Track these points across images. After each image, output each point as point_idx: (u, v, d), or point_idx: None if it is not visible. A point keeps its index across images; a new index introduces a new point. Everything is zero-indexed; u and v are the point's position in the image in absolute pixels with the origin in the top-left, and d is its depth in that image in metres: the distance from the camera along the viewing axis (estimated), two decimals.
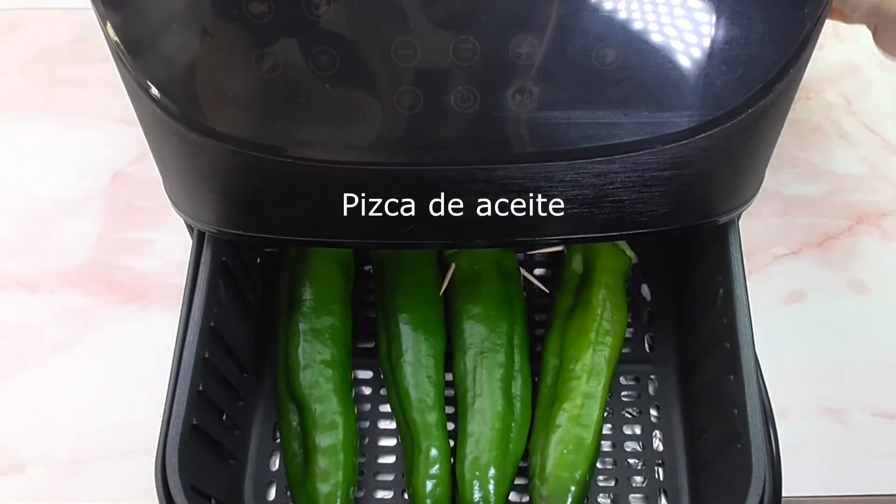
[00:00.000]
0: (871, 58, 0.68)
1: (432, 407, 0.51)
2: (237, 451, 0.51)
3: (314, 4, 0.34)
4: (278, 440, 0.52)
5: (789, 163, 0.63)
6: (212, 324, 0.45)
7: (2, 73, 0.67)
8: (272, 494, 0.52)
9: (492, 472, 0.49)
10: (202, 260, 0.45)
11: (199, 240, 0.45)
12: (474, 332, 0.52)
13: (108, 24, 0.35)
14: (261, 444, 0.52)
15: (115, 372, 0.56)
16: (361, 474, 0.52)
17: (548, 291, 0.56)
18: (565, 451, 0.49)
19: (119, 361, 0.56)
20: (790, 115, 0.39)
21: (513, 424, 0.50)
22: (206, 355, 0.44)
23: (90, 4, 0.35)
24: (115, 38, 0.35)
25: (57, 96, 0.66)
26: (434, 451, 0.50)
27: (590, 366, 0.50)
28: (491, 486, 0.49)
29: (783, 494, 0.43)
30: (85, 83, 0.67)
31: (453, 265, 0.54)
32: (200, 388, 0.43)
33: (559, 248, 0.56)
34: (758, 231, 0.60)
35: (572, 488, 0.48)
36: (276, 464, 0.52)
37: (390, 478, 0.52)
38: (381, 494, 0.52)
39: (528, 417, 0.51)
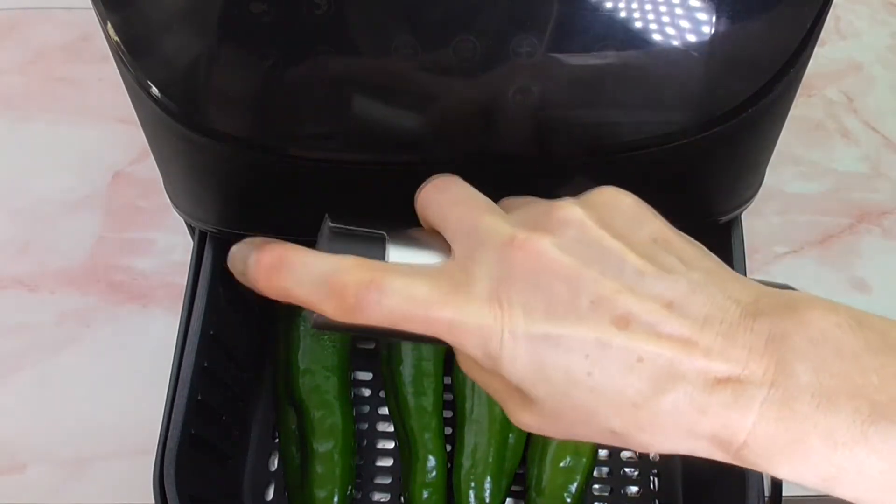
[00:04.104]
0: (872, 55, 0.68)
1: (431, 414, 0.51)
2: (236, 452, 0.51)
3: (315, 4, 0.33)
4: (277, 440, 0.52)
5: (790, 160, 0.63)
6: (211, 332, 0.44)
7: (2, 73, 0.67)
8: (270, 494, 0.52)
9: (488, 481, 0.49)
10: (202, 265, 0.44)
11: (200, 242, 0.45)
12: None
13: (109, 24, 0.35)
14: (259, 443, 0.52)
15: (115, 372, 0.56)
16: (359, 476, 0.52)
17: None
18: (562, 464, 0.49)
19: (119, 361, 0.56)
20: (791, 113, 0.39)
21: (510, 434, 0.50)
22: (206, 363, 0.44)
23: (90, 4, 0.35)
24: (116, 38, 0.35)
25: (57, 96, 0.66)
26: (431, 459, 0.50)
27: None
28: (487, 496, 0.49)
29: (783, 494, 0.43)
30: (85, 83, 0.67)
31: None
32: (199, 398, 0.43)
33: None
34: (758, 229, 0.60)
35: (568, 500, 0.48)
36: (274, 463, 0.52)
37: (387, 480, 0.52)
38: (378, 496, 0.52)
39: None
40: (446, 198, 0.29)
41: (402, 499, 0.51)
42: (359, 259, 0.27)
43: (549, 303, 0.25)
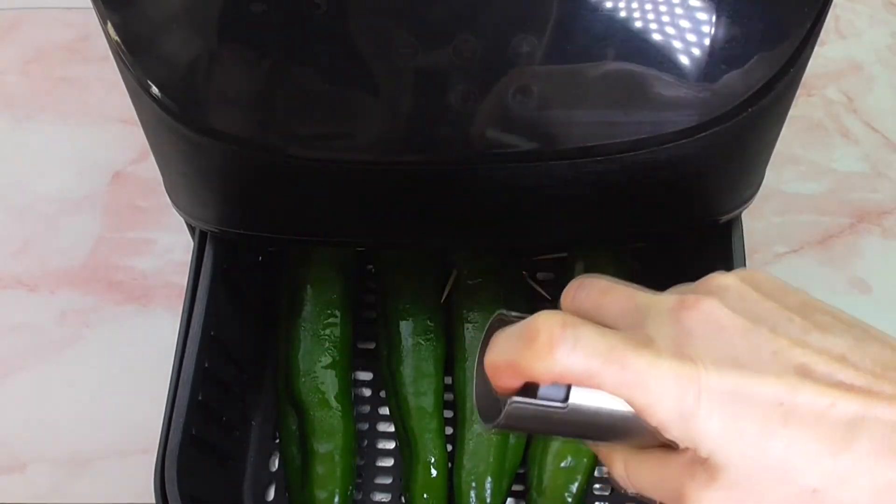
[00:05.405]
0: (872, 55, 0.68)
1: (431, 415, 0.51)
2: (236, 452, 0.51)
3: (315, 4, 0.33)
4: (277, 440, 0.52)
5: (790, 160, 0.63)
6: (212, 332, 0.44)
7: (2, 73, 0.67)
8: (271, 494, 0.52)
9: (488, 481, 0.49)
10: (203, 266, 0.44)
11: (201, 242, 0.45)
12: (475, 339, 0.52)
13: (109, 24, 0.35)
14: (260, 444, 0.52)
15: (115, 372, 0.56)
16: (360, 477, 0.52)
17: (550, 298, 0.56)
18: (563, 464, 0.49)
19: (119, 361, 0.56)
20: (791, 112, 0.39)
21: (511, 434, 0.50)
22: (206, 364, 0.44)
23: (90, 4, 0.35)
24: (116, 38, 0.35)
25: (57, 96, 0.66)
26: (432, 459, 0.50)
27: None
28: (487, 496, 0.49)
29: None
30: (85, 83, 0.67)
31: (455, 272, 0.54)
32: (200, 398, 0.43)
33: (562, 254, 0.56)
34: (759, 229, 0.60)
35: (569, 500, 0.48)
36: (275, 464, 0.52)
37: (388, 481, 0.52)
38: (379, 497, 0.52)
39: None
40: (595, 290, 0.29)
41: (403, 499, 0.51)
42: (551, 311, 0.27)
43: (733, 356, 0.25)
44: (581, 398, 0.26)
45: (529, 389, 0.26)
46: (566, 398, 0.26)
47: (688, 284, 0.28)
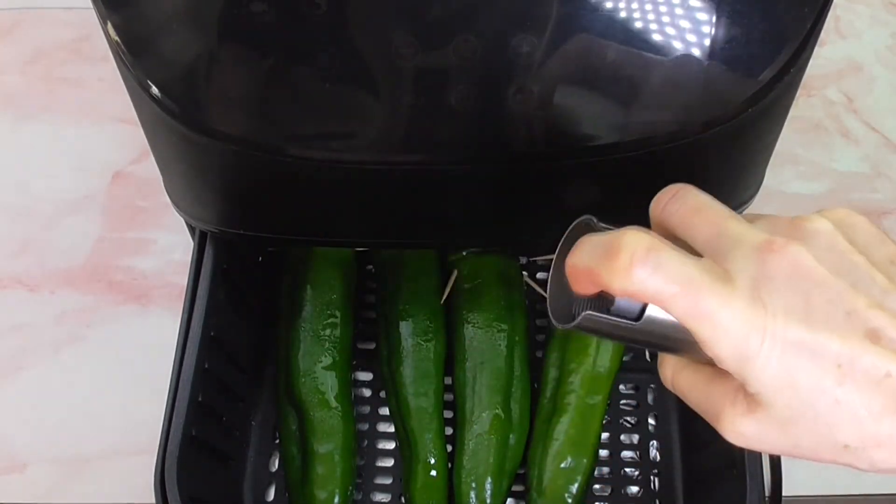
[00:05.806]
0: (872, 55, 0.68)
1: (431, 415, 0.51)
2: (236, 453, 0.51)
3: (315, 4, 0.33)
4: (277, 441, 0.52)
5: (790, 161, 0.63)
6: (212, 333, 0.44)
7: (2, 73, 0.67)
8: (271, 495, 0.52)
9: (488, 482, 0.49)
10: (203, 266, 0.44)
11: (201, 242, 0.45)
12: (475, 340, 0.52)
13: (109, 24, 0.35)
14: (260, 444, 0.52)
15: (116, 372, 0.56)
16: (360, 477, 0.52)
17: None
18: (562, 465, 0.49)
19: (119, 361, 0.56)
20: (791, 113, 0.39)
21: (511, 435, 0.50)
22: (206, 365, 0.44)
23: (90, 4, 0.35)
24: (116, 38, 0.35)
25: (57, 96, 0.66)
26: (432, 460, 0.50)
27: (589, 379, 0.50)
28: (487, 497, 0.49)
29: (783, 494, 0.43)
30: (85, 83, 0.67)
31: (455, 273, 0.54)
32: (200, 398, 0.43)
33: None
34: None
35: (569, 501, 0.48)
36: (275, 464, 0.52)
37: (388, 481, 0.52)
38: (378, 497, 0.51)
39: (525, 428, 0.51)
40: (688, 206, 0.29)
41: (403, 499, 0.51)
42: (641, 228, 0.27)
43: (806, 310, 0.25)
44: (652, 318, 0.26)
45: (604, 297, 0.27)
46: (638, 318, 0.26)
47: (781, 218, 0.28)
